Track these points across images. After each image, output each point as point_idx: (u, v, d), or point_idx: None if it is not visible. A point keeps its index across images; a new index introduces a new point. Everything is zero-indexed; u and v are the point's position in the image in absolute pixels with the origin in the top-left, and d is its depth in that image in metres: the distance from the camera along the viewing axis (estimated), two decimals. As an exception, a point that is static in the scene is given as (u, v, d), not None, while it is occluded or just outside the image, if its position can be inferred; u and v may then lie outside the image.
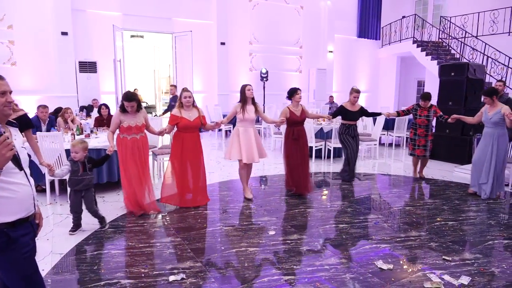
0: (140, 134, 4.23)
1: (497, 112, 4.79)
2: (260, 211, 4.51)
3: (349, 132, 5.68)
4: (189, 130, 4.47)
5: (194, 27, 11.13)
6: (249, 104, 4.69)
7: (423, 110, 5.79)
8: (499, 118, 4.76)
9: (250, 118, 4.66)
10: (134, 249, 3.43)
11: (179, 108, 4.47)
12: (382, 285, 2.81)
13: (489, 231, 3.90)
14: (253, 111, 4.70)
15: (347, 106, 5.67)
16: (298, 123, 5.03)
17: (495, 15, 11.24)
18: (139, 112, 4.22)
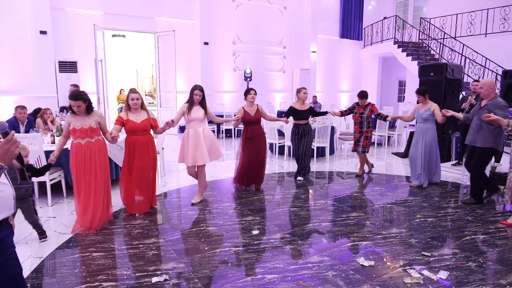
0: (95, 137, 3.84)
1: (427, 109, 5.38)
2: (244, 210, 4.52)
3: (299, 131, 5.75)
4: (138, 133, 4.18)
5: (177, 27, 11.06)
6: (196, 105, 4.56)
7: (360, 108, 6.06)
8: (429, 115, 5.36)
9: (197, 117, 4.51)
10: (116, 251, 3.39)
11: (126, 110, 4.20)
12: (363, 282, 2.86)
13: (466, 227, 4.01)
14: (201, 112, 4.54)
15: (296, 106, 5.75)
16: (253, 123, 5.10)
17: (472, 17, 11.57)
18: (91, 113, 3.82)
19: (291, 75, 13.76)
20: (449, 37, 11.84)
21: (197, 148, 4.53)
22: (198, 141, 4.53)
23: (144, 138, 4.23)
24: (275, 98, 13.43)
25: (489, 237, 3.75)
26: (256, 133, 5.14)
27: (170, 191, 5.38)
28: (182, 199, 5.04)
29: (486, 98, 4.56)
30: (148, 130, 4.30)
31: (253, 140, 5.09)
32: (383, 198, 5.10)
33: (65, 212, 4.44)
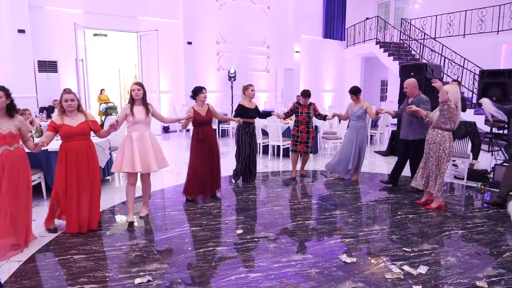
0: (14, 145, 3.35)
1: (360, 108, 5.66)
2: (228, 210, 4.52)
3: (248, 131, 5.54)
4: (75, 138, 3.64)
5: (160, 26, 10.96)
6: (137, 105, 4.06)
7: (303, 107, 5.97)
8: (362, 113, 5.66)
9: (141, 120, 4.02)
10: (98, 253, 3.34)
11: (60, 114, 3.65)
12: (346, 278, 2.91)
13: (446, 223, 4.12)
14: (143, 113, 4.06)
15: (245, 103, 5.54)
16: (204, 124, 4.75)
17: (451, 18, 11.85)
18: (11, 118, 3.34)
19: (275, 75, 13.81)
20: (429, 37, 12.10)
21: (147, 153, 4.04)
22: (146, 146, 4.04)
23: (83, 144, 3.70)
24: (259, 98, 13.45)
25: (467, 232, 3.86)
26: (208, 134, 4.77)
27: (153, 192, 5.32)
28: (166, 200, 5.01)
29: (412, 96, 5.08)
30: (88, 135, 3.78)
31: (205, 142, 4.72)
32: (365, 196, 5.18)
33: (45, 214, 4.33)
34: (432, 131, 4.51)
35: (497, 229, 3.92)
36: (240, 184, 5.73)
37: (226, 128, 10.92)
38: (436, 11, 12.35)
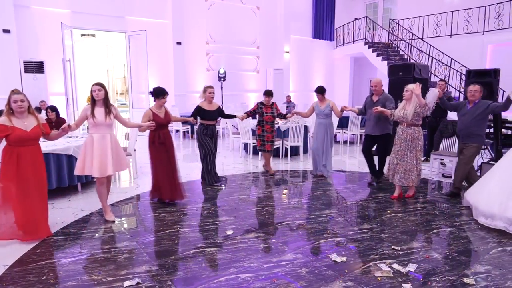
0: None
1: (327, 106, 5.90)
2: (218, 211, 4.50)
3: (207, 133, 5.51)
4: (26, 143, 3.46)
5: (149, 26, 10.88)
6: (99, 106, 3.93)
7: (267, 107, 6.06)
8: (329, 111, 5.90)
9: (102, 122, 3.90)
10: (86, 256, 3.29)
11: (8, 115, 3.41)
12: (336, 277, 2.92)
13: (434, 221, 4.16)
14: (104, 114, 3.92)
15: (204, 105, 5.47)
16: (163, 126, 4.65)
17: (438, 19, 12.01)
18: None
19: (265, 75, 13.81)
20: (417, 38, 12.24)
21: (106, 156, 3.92)
22: (106, 149, 3.92)
23: (34, 149, 3.54)
24: (249, 98, 13.45)
25: (454, 230, 3.91)
26: (167, 137, 4.68)
27: (143, 193, 5.28)
28: (155, 202, 4.96)
29: (378, 94, 5.46)
30: (39, 139, 3.64)
31: (164, 145, 4.63)
32: (355, 195, 5.21)
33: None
34: (409, 129, 4.77)
35: (484, 227, 3.98)
36: (222, 185, 5.69)
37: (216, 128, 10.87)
38: (424, 11, 12.51)
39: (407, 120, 4.75)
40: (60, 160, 4.86)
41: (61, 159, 4.86)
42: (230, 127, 9.24)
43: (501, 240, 3.65)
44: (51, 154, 4.74)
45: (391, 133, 5.56)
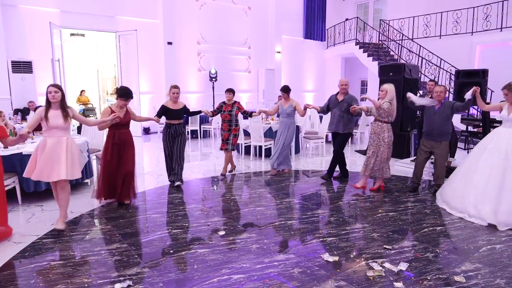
0: None
1: (290, 105, 6.06)
2: (210, 212, 4.48)
3: (170, 132, 5.38)
4: None
5: (139, 26, 10.80)
6: (54, 109, 3.75)
7: (227, 106, 6.09)
8: (291, 110, 6.05)
9: (58, 125, 3.72)
10: (77, 259, 3.25)
11: None
12: (328, 277, 2.92)
13: (425, 220, 4.20)
14: (60, 117, 3.74)
15: (168, 104, 5.37)
16: (121, 126, 4.44)
17: (428, 20, 12.13)
18: None
19: (256, 75, 13.81)
20: (407, 38, 12.35)
21: (59, 160, 3.71)
22: (60, 153, 3.72)
23: None
24: (241, 99, 13.43)
25: (445, 229, 3.95)
26: (124, 138, 4.48)
27: (134, 194, 5.23)
28: (147, 203, 4.92)
29: (344, 94, 5.74)
30: None
31: (120, 147, 4.44)
32: (347, 195, 5.23)
33: (20, 220, 4.21)
34: (375, 124, 5.19)
35: (473, 225, 4.03)
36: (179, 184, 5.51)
37: (208, 128, 10.85)
38: (413, 12, 12.62)
39: (377, 116, 5.15)
40: None
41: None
42: (221, 128, 9.21)
43: (490, 238, 3.70)
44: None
45: (352, 132, 5.94)
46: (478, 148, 4.45)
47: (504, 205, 3.96)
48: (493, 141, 4.28)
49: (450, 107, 4.94)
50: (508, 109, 4.26)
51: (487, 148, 4.29)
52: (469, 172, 4.38)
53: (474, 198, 4.19)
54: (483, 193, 4.12)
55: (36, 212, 4.42)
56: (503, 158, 4.08)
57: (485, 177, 4.15)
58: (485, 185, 4.13)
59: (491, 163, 4.16)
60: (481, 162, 4.25)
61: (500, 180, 4.04)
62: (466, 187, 4.32)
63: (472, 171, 4.33)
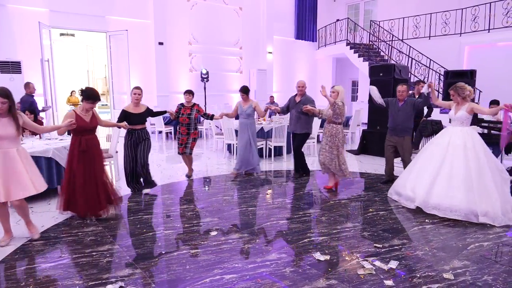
0: None
1: (250, 106, 6.06)
2: (202, 212, 4.48)
3: (133, 139, 4.99)
4: None
5: (130, 26, 10.74)
6: (3, 117, 3.39)
7: (186, 108, 5.83)
8: (251, 111, 6.08)
9: (7, 135, 3.37)
10: (67, 261, 3.23)
11: None
12: (319, 276, 2.95)
13: (414, 218, 4.26)
14: (11, 127, 3.39)
15: (129, 108, 4.98)
16: (88, 131, 4.09)
17: (417, 21, 12.28)
18: None
19: (248, 76, 13.82)
20: (397, 39, 12.48)
21: (11, 176, 3.36)
22: (12, 167, 3.37)
23: None
24: (232, 99, 13.43)
25: (434, 227, 4.00)
26: (91, 145, 4.12)
27: (125, 196, 5.20)
28: (139, 204, 4.90)
29: (301, 95, 5.94)
30: None
31: (87, 153, 4.07)
32: (338, 195, 5.27)
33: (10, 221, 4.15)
34: (328, 126, 5.30)
35: (462, 223, 4.09)
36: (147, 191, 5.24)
37: (200, 129, 10.83)
38: (403, 13, 12.76)
39: (328, 118, 5.28)
40: (38, 163, 4.72)
41: (40, 161, 4.74)
42: (213, 128, 9.21)
43: (478, 236, 3.77)
44: (29, 157, 4.61)
45: (310, 132, 6.09)
46: (429, 144, 4.82)
47: (437, 189, 4.33)
48: (441, 137, 4.63)
49: (412, 105, 5.36)
50: (455, 108, 4.57)
51: (434, 142, 4.69)
52: (415, 163, 4.77)
53: (413, 182, 4.59)
54: (421, 178, 4.51)
55: (26, 214, 4.37)
56: (444, 148, 4.44)
57: (426, 164, 4.55)
58: (424, 171, 4.53)
59: (434, 152, 4.53)
60: (427, 154, 4.63)
61: (438, 166, 4.40)
62: (409, 174, 4.75)
63: (417, 162, 4.72)
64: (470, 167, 4.21)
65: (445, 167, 4.34)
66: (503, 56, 10.50)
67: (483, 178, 4.19)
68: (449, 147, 4.39)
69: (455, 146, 4.36)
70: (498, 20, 10.25)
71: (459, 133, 4.42)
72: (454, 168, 4.28)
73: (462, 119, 4.46)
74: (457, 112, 4.51)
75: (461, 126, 4.47)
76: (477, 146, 4.32)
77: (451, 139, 4.43)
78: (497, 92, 8.70)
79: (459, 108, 4.50)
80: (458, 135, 4.40)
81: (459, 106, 4.52)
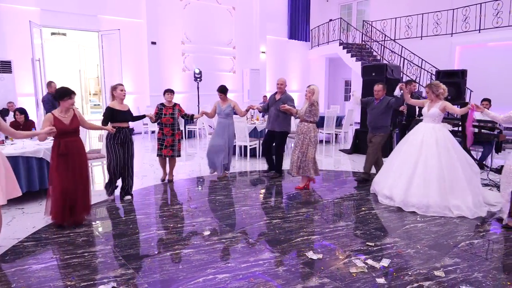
0: None
1: (228, 106, 5.92)
2: (195, 212, 4.47)
3: (120, 137, 4.68)
4: None
5: (122, 26, 10.68)
6: None
7: (167, 108, 5.60)
8: (230, 110, 5.92)
9: None
10: (59, 262, 3.21)
11: None
12: (312, 274, 2.96)
13: (406, 217, 4.29)
14: None
15: (115, 105, 4.70)
16: (68, 134, 3.88)
17: (409, 21, 12.37)
18: None
19: (241, 76, 13.82)
20: (389, 39, 12.56)
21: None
22: None
23: None
24: (226, 99, 13.42)
25: (425, 225, 4.04)
26: (72, 147, 3.91)
27: (116, 196, 5.17)
28: (131, 204, 4.87)
29: (281, 93, 5.92)
30: None
31: (69, 157, 3.87)
32: (331, 194, 5.30)
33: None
34: (301, 124, 5.34)
35: (453, 221, 4.14)
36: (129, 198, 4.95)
37: (193, 129, 10.81)
38: (396, 13, 12.84)
39: (301, 117, 5.34)
40: (29, 163, 4.70)
41: (31, 162, 4.71)
42: (207, 127, 9.21)
43: (469, 233, 3.81)
44: (20, 157, 4.58)
45: (288, 131, 6.07)
46: (402, 141, 4.94)
47: (413, 189, 4.45)
48: (414, 134, 4.75)
49: (386, 103, 5.52)
50: (428, 106, 4.71)
51: (408, 140, 4.79)
52: (391, 160, 4.90)
53: (391, 181, 4.68)
54: (398, 177, 4.61)
55: (17, 215, 4.33)
56: (418, 147, 4.56)
57: (402, 164, 4.65)
58: (400, 171, 4.62)
59: (409, 152, 4.64)
60: (402, 152, 4.75)
61: (413, 166, 4.52)
62: (387, 173, 4.85)
63: (393, 160, 4.84)
64: (442, 164, 4.41)
65: (419, 166, 4.49)
66: (493, 56, 10.62)
67: (454, 173, 4.39)
68: (423, 146, 4.54)
69: (428, 144, 4.52)
70: (489, 20, 10.37)
71: (431, 130, 4.59)
72: (428, 167, 4.44)
73: (435, 116, 4.62)
74: (430, 109, 4.67)
75: (433, 123, 4.64)
76: (448, 143, 4.51)
77: (424, 137, 4.58)
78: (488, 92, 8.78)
79: (432, 105, 4.67)
80: (430, 133, 4.57)
81: (433, 104, 4.68)
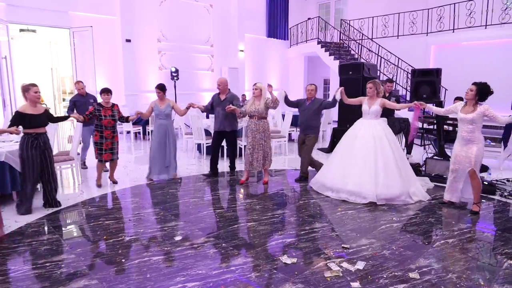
0: None
1: (167, 106, 5.70)
2: (167, 216, 4.31)
3: (39, 144, 4.23)
4: None
5: (95, 22, 10.32)
6: None
7: (106, 109, 5.27)
8: (170, 111, 5.77)
9: None
10: (17, 274, 2.99)
11: None
12: (286, 280, 2.87)
13: (382, 217, 4.26)
14: None
15: (27, 109, 4.17)
16: None
17: (386, 20, 12.48)
18: None
19: (219, 74, 13.62)
20: (367, 38, 12.64)
21: None
22: None
23: None
24: (204, 97, 13.20)
25: (401, 225, 4.02)
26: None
27: (88, 199, 4.95)
28: (100, 209, 4.67)
29: (224, 93, 5.88)
30: None
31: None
32: (307, 194, 5.22)
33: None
34: (260, 122, 5.42)
35: (428, 220, 4.14)
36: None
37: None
38: (373, 13, 12.94)
39: (259, 114, 5.38)
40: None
41: None
42: (183, 127, 9.01)
43: (444, 232, 3.81)
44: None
45: (236, 129, 6.09)
46: (347, 137, 5.06)
47: (380, 180, 4.64)
48: (362, 129, 4.90)
49: (319, 104, 5.57)
50: (368, 103, 4.94)
51: (358, 135, 4.91)
52: (346, 156, 4.93)
53: (357, 178, 4.74)
54: (362, 174, 4.71)
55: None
56: (373, 142, 4.76)
57: (362, 159, 4.75)
58: (363, 167, 4.73)
59: (365, 147, 4.78)
60: (356, 148, 4.84)
61: (374, 160, 4.70)
62: (346, 170, 4.85)
63: (349, 156, 4.89)
64: (395, 155, 4.74)
65: (379, 160, 4.69)
66: (466, 55, 10.82)
67: (405, 163, 4.84)
68: (375, 140, 4.75)
69: (379, 137, 4.76)
70: (462, 20, 10.55)
71: (377, 126, 4.85)
72: (386, 160, 4.69)
73: (377, 113, 4.89)
74: (371, 106, 4.89)
75: (376, 119, 4.90)
76: (390, 135, 4.86)
77: (375, 132, 4.79)
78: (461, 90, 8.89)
79: (373, 102, 4.90)
80: (376, 128, 4.83)
81: (373, 101, 4.90)
